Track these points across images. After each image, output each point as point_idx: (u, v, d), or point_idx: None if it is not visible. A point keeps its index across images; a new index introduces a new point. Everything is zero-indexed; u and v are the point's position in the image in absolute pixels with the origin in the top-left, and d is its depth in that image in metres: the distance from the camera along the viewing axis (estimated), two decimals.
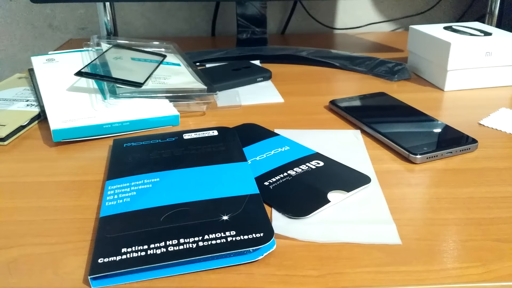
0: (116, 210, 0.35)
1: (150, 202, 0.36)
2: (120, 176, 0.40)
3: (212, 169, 0.40)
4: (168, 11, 0.99)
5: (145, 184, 0.38)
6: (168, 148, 0.44)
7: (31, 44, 1.00)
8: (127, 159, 0.42)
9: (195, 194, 0.37)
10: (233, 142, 0.45)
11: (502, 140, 0.49)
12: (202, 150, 0.43)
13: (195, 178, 0.39)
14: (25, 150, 0.48)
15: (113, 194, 0.37)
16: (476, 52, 0.61)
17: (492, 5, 0.87)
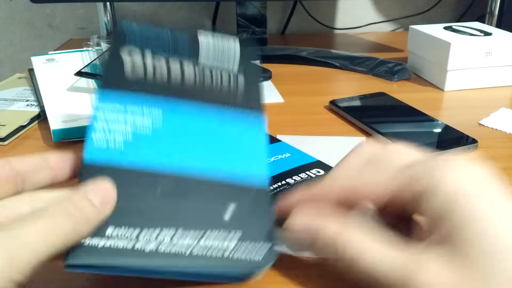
0: (105, 157, 0.28)
1: (147, 158, 0.29)
2: (115, 86, 0.31)
3: (225, 116, 0.32)
4: (168, 11, 0.99)
5: (143, 116, 0.30)
6: (178, 52, 0.34)
7: (31, 44, 1.00)
8: (126, 54, 0.33)
9: (200, 158, 0.30)
10: (252, 66, 0.36)
11: (502, 140, 0.49)
12: (214, 72, 0.34)
13: (202, 126, 0.31)
14: (25, 150, 0.48)
15: (103, 121, 0.29)
16: (476, 52, 0.61)
17: (492, 5, 0.87)
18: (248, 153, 0.31)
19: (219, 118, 0.32)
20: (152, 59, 0.33)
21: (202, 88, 0.33)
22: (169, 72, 0.33)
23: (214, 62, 0.34)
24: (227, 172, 0.30)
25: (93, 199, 0.25)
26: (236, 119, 0.32)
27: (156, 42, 0.34)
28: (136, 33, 0.34)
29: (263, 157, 0.31)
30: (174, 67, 0.33)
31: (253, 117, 0.33)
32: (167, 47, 0.34)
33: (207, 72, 0.34)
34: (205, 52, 0.34)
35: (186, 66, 0.33)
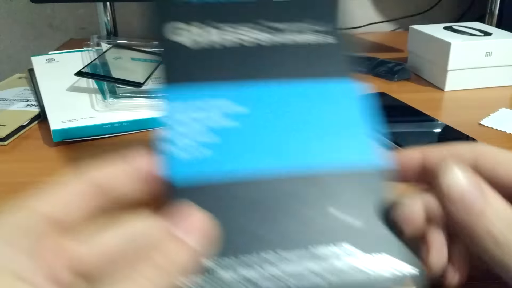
0: (193, 171, 0.22)
1: (243, 162, 0.23)
2: (185, 79, 0.24)
3: (315, 91, 0.26)
4: None
5: (226, 111, 0.24)
6: (249, 18, 0.27)
7: (31, 44, 1.00)
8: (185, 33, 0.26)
9: (300, 149, 0.24)
10: (336, 23, 0.29)
11: (502, 140, 0.49)
12: (295, 35, 0.27)
13: (292, 109, 0.25)
14: (25, 150, 0.48)
15: (180, 126, 0.23)
16: (476, 52, 0.61)
17: (492, 5, 0.87)
18: (352, 131, 0.25)
19: (309, 94, 0.26)
20: (217, 32, 0.26)
21: (284, 58, 0.26)
22: (242, 45, 0.26)
23: (294, 20, 0.27)
24: (336, 158, 0.24)
25: (187, 239, 0.19)
26: (330, 93, 0.26)
27: (215, 7, 0.27)
28: (189, 3, 0.27)
29: (369, 132, 0.25)
30: (246, 38, 0.26)
31: (349, 87, 0.26)
32: (231, 10, 0.27)
33: (288, 36, 0.27)
34: (280, 7, 0.28)
35: (259, 32, 0.27)
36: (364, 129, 0.25)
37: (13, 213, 0.19)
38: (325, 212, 0.22)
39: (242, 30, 0.27)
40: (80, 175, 0.21)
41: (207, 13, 0.26)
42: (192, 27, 0.26)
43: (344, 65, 0.27)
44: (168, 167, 0.22)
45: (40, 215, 0.19)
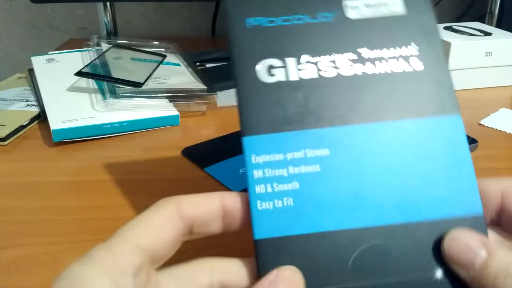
0: (277, 225, 0.22)
1: (325, 216, 0.22)
2: (264, 130, 0.23)
3: (404, 132, 0.23)
4: (168, 11, 0.99)
5: (309, 161, 0.23)
6: (327, 49, 0.24)
7: (31, 44, 1.00)
8: (262, 69, 0.24)
9: (386, 202, 0.22)
10: (433, 46, 0.25)
11: (502, 140, 0.49)
12: (381, 65, 0.24)
13: (382, 154, 0.23)
14: (25, 150, 0.48)
15: (263, 180, 0.22)
16: (476, 52, 0.61)
17: (492, 5, 0.87)
18: (451, 173, 0.23)
19: (402, 135, 0.23)
20: (297, 68, 0.24)
21: (371, 97, 0.23)
22: (324, 83, 0.24)
23: (379, 46, 0.24)
24: (430, 205, 0.22)
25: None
26: (426, 130, 0.23)
27: (295, 37, 0.24)
28: (265, 28, 0.24)
29: (470, 174, 0.23)
30: (327, 73, 0.24)
31: (448, 121, 0.23)
32: (312, 41, 0.24)
33: (371, 68, 0.24)
34: (365, 33, 0.25)
35: (343, 65, 0.24)
36: (459, 173, 0.23)
37: (116, 251, 0.19)
38: (426, 273, 0.21)
39: (323, 62, 0.24)
40: (173, 206, 0.21)
41: (290, 40, 0.24)
42: (287, 63, 0.24)
43: (439, 96, 0.24)
44: (254, 223, 0.22)
45: (141, 250, 0.19)
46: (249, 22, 0.24)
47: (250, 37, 0.24)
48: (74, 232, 0.35)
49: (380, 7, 0.25)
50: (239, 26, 0.24)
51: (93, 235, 0.35)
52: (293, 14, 0.25)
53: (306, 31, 0.24)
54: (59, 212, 0.37)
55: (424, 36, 0.25)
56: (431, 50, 0.24)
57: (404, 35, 0.25)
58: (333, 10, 0.25)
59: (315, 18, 0.25)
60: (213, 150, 0.47)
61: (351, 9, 0.25)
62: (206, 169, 0.43)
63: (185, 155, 0.46)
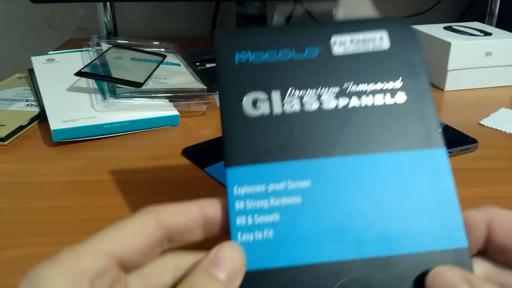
0: (257, 257, 0.22)
1: (306, 249, 0.22)
2: (247, 161, 0.23)
3: (386, 165, 0.23)
4: (168, 11, 0.99)
5: (290, 193, 0.23)
6: (311, 83, 0.24)
7: (31, 44, 1.00)
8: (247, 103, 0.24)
9: (367, 235, 0.22)
10: (417, 79, 0.25)
11: (502, 140, 0.49)
12: (364, 98, 0.24)
13: (364, 187, 0.23)
14: (25, 150, 0.48)
15: (245, 212, 0.22)
16: (476, 52, 0.61)
17: (492, 5, 0.87)
18: (434, 206, 0.22)
19: (385, 168, 0.23)
20: (282, 102, 0.24)
21: (353, 130, 0.24)
22: (307, 116, 0.24)
23: (363, 80, 0.25)
24: (413, 238, 0.22)
25: (219, 274, 0.20)
26: (409, 163, 0.23)
27: (280, 72, 0.25)
28: (252, 64, 0.25)
29: (454, 206, 0.23)
30: (311, 107, 0.24)
31: (432, 154, 0.23)
32: (297, 76, 0.25)
33: (355, 101, 0.24)
34: (348, 68, 0.25)
35: (326, 99, 0.24)
36: (443, 206, 0.22)
37: (80, 254, 0.19)
38: None
39: (307, 96, 0.24)
40: (152, 215, 0.21)
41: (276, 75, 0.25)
42: (272, 96, 0.24)
43: (423, 129, 0.24)
44: None
45: (107, 255, 0.19)
46: (238, 56, 0.25)
47: (238, 72, 0.25)
48: (74, 232, 0.35)
49: (366, 42, 0.25)
50: (228, 60, 0.25)
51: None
52: (281, 49, 0.25)
53: (293, 66, 0.25)
54: (59, 212, 0.37)
55: (408, 70, 0.25)
56: (415, 84, 0.25)
57: (389, 69, 0.25)
58: (320, 45, 0.25)
59: (302, 52, 0.25)
60: (213, 150, 0.47)
61: (338, 45, 0.25)
62: (206, 169, 0.43)
63: (185, 155, 0.46)
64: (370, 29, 0.25)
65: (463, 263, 0.21)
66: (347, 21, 0.26)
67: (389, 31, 0.25)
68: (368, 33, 0.25)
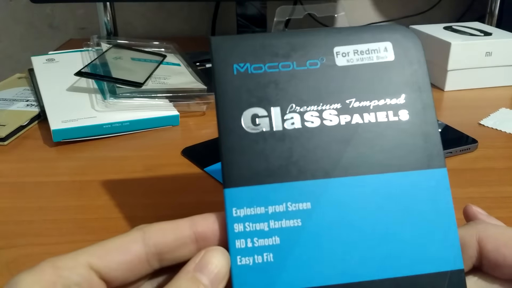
0: (257, 282, 0.21)
1: (306, 274, 0.21)
2: (246, 182, 0.22)
3: (387, 186, 0.23)
4: (168, 11, 0.99)
5: (290, 216, 0.22)
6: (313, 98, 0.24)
7: (31, 44, 1.00)
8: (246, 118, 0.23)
9: (368, 258, 0.22)
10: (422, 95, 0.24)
11: (502, 140, 0.49)
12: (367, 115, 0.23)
13: (361, 208, 0.22)
14: (25, 150, 0.48)
15: (244, 235, 0.22)
16: (476, 52, 0.61)
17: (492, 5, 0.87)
18: (433, 228, 0.22)
19: (386, 189, 0.23)
20: (282, 118, 0.23)
21: (356, 150, 0.23)
22: (308, 133, 0.23)
23: (366, 97, 0.24)
24: (412, 260, 0.22)
25: (203, 279, 0.20)
26: (410, 183, 0.23)
27: (281, 86, 0.24)
28: (252, 75, 0.24)
29: (452, 229, 0.22)
30: (313, 124, 0.23)
31: (433, 175, 0.23)
32: (298, 90, 0.24)
33: (358, 118, 0.23)
34: (351, 81, 0.24)
35: (328, 116, 0.23)
36: (441, 229, 0.22)
37: (58, 265, 0.20)
38: None
39: (308, 112, 0.23)
40: (139, 233, 0.21)
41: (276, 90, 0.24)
42: (272, 113, 0.23)
43: (425, 149, 0.23)
44: (234, 279, 0.21)
45: (87, 268, 0.20)
46: (236, 68, 0.24)
47: (236, 85, 0.23)
48: (74, 232, 0.35)
49: (370, 54, 0.24)
50: (225, 72, 0.24)
51: (93, 235, 0.35)
52: (281, 61, 0.24)
53: (293, 79, 0.24)
54: (59, 212, 0.37)
55: (413, 84, 0.24)
56: (419, 99, 0.24)
57: (393, 83, 0.24)
58: (322, 57, 0.24)
59: (303, 65, 0.24)
60: (213, 150, 0.47)
61: (341, 56, 0.24)
62: (206, 169, 0.43)
63: (185, 155, 0.46)
64: (374, 40, 0.24)
65: (459, 284, 0.21)
66: (350, 30, 0.25)
67: (393, 42, 0.25)
68: (372, 44, 0.24)
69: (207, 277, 0.20)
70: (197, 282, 0.20)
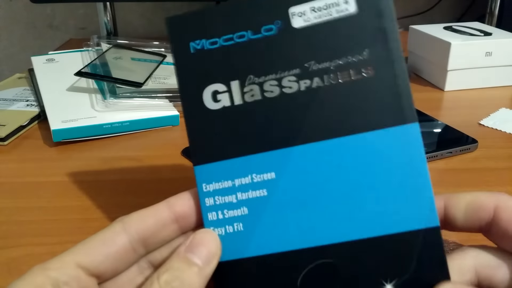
0: (229, 249, 0.22)
1: (274, 239, 0.22)
2: (212, 158, 0.23)
3: (354, 148, 0.22)
4: (168, 11, 0.99)
5: (256, 186, 0.23)
6: (271, 67, 0.23)
7: (31, 44, 1.00)
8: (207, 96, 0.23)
9: (335, 221, 0.22)
10: (388, 48, 0.22)
11: (502, 140, 0.49)
12: (329, 76, 0.22)
13: (328, 173, 0.22)
14: (25, 150, 0.48)
15: (215, 208, 0.23)
16: (476, 52, 0.61)
17: (492, 5, 0.87)
18: (406, 186, 0.21)
19: (351, 151, 0.22)
20: (242, 91, 0.23)
21: (318, 113, 0.22)
22: (269, 103, 0.23)
23: (327, 57, 0.22)
24: (383, 220, 0.21)
25: (194, 259, 0.21)
26: (378, 142, 0.22)
27: (238, 58, 0.23)
28: (208, 51, 0.23)
29: (426, 186, 0.22)
30: (273, 93, 0.23)
31: (404, 131, 0.22)
32: (255, 60, 0.23)
33: (318, 81, 0.22)
34: (309, 43, 0.22)
35: (287, 83, 0.23)
36: (415, 186, 0.21)
37: (47, 267, 0.21)
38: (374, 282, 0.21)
39: (267, 82, 0.23)
40: (119, 224, 0.22)
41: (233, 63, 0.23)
42: (232, 87, 0.23)
43: (394, 105, 0.22)
44: None
45: (74, 267, 0.21)
46: (192, 46, 0.24)
47: (194, 63, 0.23)
48: (74, 232, 0.35)
49: (329, 9, 0.22)
50: (183, 51, 0.24)
51: None
52: (235, 32, 0.23)
53: (250, 50, 0.23)
54: (59, 212, 0.37)
55: (377, 38, 0.22)
56: (385, 54, 0.22)
57: (355, 39, 0.22)
58: (278, 21, 0.23)
59: (259, 33, 0.23)
60: None
61: (297, 17, 0.22)
62: None
63: (185, 155, 0.46)
64: None
65: (434, 242, 0.21)
66: None
67: None
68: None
69: (198, 256, 0.21)
70: (189, 261, 0.21)
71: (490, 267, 0.22)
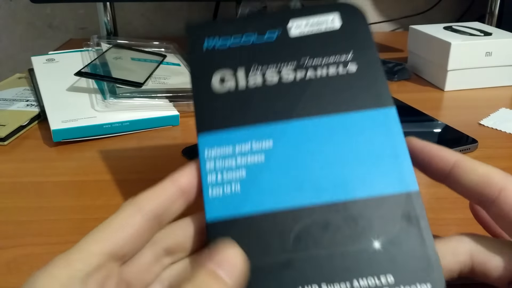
0: (226, 208, 0.24)
1: (269, 198, 0.24)
2: (215, 126, 0.26)
3: (342, 124, 0.26)
4: (168, 11, 0.99)
5: (254, 152, 0.25)
6: (272, 61, 0.28)
7: (31, 44, 1.00)
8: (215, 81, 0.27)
9: (325, 183, 0.25)
10: (367, 51, 0.28)
11: (502, 140, 0.49)
12: (319, 71, 0.27)
13: (321, 143, 0.26)
14: (25, 150, 0.48)
15: (215, 170, 0.25)
16: (476, 52, 0.61)
17: (492, 5, 0.87)
18: (387, 156, 0.25)
19: (340, 126, 0.26)
20: (246, 78, 0.27)
21: (310, 97, 0.27)
22: (269, 88, 0.27)
23: (319, 55, 0.28)
24: (367, 184, 0.24)
25: (222, 275, 0.20)
26: (363, 121, 0.26)
27: (244, 54, 0.28)
28: (219, 49, 0.28)
29: (405, 155, 0.25)
30: (272, 80, 0.27)
31: (383, 112, 0.26)
32: (258, 56, 0.28)
33: (311, 74, 0.27)
34: (304, 46, 0.28)
35: (286, 73, 0.27)
36: (394, 155, 0.25)
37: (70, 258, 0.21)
38: (363, 243, 0.23)
39: (268, 71, 0.27)
40: (132, 206, 0.23)
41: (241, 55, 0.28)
42: (237, 72, 0.27)
43: (374, 92, 0.26)
44: (206, 208, 0.24)
45: (97, 255, 0.21)
46: (207, 42, 0.28)
47: (207, 55, 0.28)
48: (74, 232, 0.35)
49: (320, 24, 0.28)
50: (198, 46, 0.28)
51: None
52: (244, 33, 0.28)
53: (255, 47, 0.28)
54: (59, 212, 0.37)
55: (358, 45, 0.28)
56: (365, 56, 0.27)
57: (340, 44, 0.28)
58: (279, 29, 0.28)
59: (263, 35, 0.28)
60: None
61: (295, 28, 0.28)
62: None
63: (185, 155, 0.46)
64: (323, 12, 0.29)
65: (415, 205, 0.24)
66: (304, 8, 0.29)
67: (340, 13, 0.29)
68: (322, 16, 0.28)
69: (227, 273, 0.20)
70: (216, 276, 0.20)
71: (485, 253, 0.23)
